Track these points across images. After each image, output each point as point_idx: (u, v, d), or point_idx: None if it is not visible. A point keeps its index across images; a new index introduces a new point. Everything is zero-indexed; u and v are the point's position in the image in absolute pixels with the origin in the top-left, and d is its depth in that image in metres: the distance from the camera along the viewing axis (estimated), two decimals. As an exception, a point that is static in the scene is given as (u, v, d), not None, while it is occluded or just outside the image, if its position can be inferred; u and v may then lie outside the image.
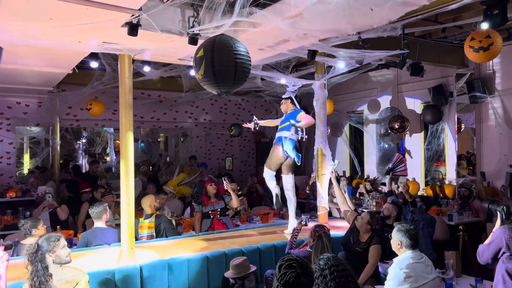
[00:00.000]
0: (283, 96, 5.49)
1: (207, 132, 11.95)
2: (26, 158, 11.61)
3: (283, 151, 5.17)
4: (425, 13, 4.52)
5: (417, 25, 6.02)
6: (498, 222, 3.40)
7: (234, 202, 5.65)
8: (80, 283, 3.17)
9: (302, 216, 4.62)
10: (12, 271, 3.70)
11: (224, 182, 5.62)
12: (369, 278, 4.07)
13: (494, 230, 3.39)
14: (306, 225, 4.54)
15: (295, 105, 5.37)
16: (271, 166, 5.36)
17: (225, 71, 3.30)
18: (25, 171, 11.25)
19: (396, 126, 8.74)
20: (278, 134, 5.28)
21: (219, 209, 5.74)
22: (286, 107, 5.41)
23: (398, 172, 7.93)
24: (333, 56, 5.54)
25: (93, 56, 6.50)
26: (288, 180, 5.40)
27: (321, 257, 2.43)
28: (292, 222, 5.35)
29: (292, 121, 5.04)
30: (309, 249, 4.19)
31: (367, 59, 5.48)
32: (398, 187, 7.35)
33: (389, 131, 9.15)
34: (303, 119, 4.98)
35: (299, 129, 5.09)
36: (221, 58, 3.27)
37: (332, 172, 5.67)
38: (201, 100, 11.20)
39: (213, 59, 3.26)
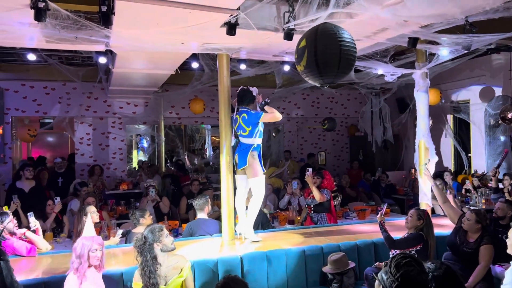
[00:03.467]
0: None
1: (299, 126, 11.95)
2: (135, 154, 12.69)
3: None
4: (546, -12, 4.00)
5: (536, 3, 5.36)
6: None
7: (316, 195, 5.57)
8: (185, 269, 3.39)
9: (383, 206, 4.41)
10: (127, 257, 4.09)
11: (307, 173, 5.57)
12: (480, 281, 3.76)
13: None
14: (384, 215, 4.35)
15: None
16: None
17: (329, 60, 3.11)
18: (134, 165, 12.29)
19: (509, 116, 7.89)
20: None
21: (312, 205, 5.73)
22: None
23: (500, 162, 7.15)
24: (436, 43, 5.17)
25: (194, 57, 6.87)
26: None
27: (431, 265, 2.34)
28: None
29: None
30: (414, 233, 4.05)
31: (476, 44, 5.01)
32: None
33: (500, 122, 8.30)
34: None
35: None
36: (325, 47, 3.09)
37: (426, 170, 5.30)
38: (293, 95, 11.23)
39: (316, 49, 3.09)
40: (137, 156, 12.50)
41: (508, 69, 8.51)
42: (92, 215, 4.48)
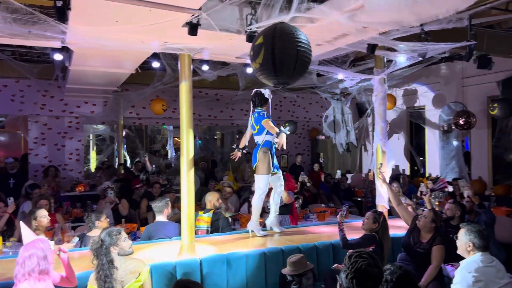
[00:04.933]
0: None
1: (262, 129, 11.98)
2: (93, 154, 12.32)
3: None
4: (495, 1, 4.24)
5: (486, 15, 5.65)
6: None
7: (284, 197, 5.62)
8: (143, 274, 3.29)
9: (343, 208, 4.51)
10: (81, 262, 3.95)
11: None
12: (432, 280, 3.90)
13: None
14: (345, 216, 4.41)
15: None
16: None
17: (286, 60, 3.08)
18: (92, 167, 11.93)
19: (461, 122, 8.26)
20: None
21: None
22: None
23: (438, 188, 7.42)
24: (394, 50, 5.34)
25: (155, 56, 6.75)
26: None
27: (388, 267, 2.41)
28: None
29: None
30: (367, 234, 4.15)
31: (431, 52, 5.22)
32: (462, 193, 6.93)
33: (453, 127, 8.69)
34: None
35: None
36: (283, 46, 3.06)
37: (381, 173, 5.46)
38: (257, 98, 11.25)
39: (274, 46, 3.05)
40: (95, 157, 12.14)
41: (460, 77, 8.93)
42: (41, 219, 4.29)
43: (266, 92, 5.09)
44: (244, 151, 5.30)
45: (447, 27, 4.59)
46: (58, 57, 6.15)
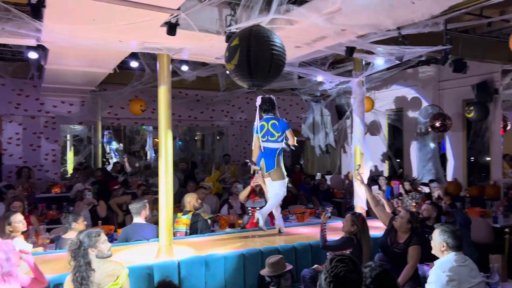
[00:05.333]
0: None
1: (243, 130, 12.00)
2: (70, 155, 12.08)
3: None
4: (469, 7, 4.34)
5: (461, 20, 5.78)
6: None
7: (267, 196, 5.65)
8: (121, 277, 3.25)
9: (327, 208, 4.55)
10: (55, 264, 3.87)
11: (256, 175, 5.63)
12: (408, 280, 3.96)
13: None
14: (330, 217, 4.48)
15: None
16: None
17: (261, 62, 3.15)
18: (69, 168, 11.71)
19: (437, 125, 8.43)
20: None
21: (258, 208, 5.76)
22: None
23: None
24: (372, 53, 5.41)
25: (133, 56, 6.67)
26: None
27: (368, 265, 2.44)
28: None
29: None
30: (345, 237, 4.19)
31: (407, 56, 5.32)
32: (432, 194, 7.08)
33: (429, 129, 8.86)
34: None
35: None
36: (258, 49, 3.12)
37: (359, 175, 5.53)
38: (237, 99, 11.28)
39: (249, 49, 3.11)
40: (73, 158, 11.90)
41: (437, 81, 9.11)
42: (15, 224, 4.17)
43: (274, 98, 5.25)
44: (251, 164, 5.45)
45: (424, 31, 4.70)
46: (33, 55, 5.99)
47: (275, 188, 5.09)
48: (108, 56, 5.89)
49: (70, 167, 11.67)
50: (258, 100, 5.21)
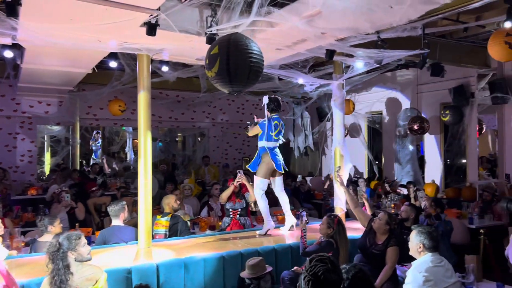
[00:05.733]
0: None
1: (224, 132, 11.98)
2: (47, 156, 11.84)
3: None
4: (446, 12, 4.43)
5: (438, 25, 5.91)
6: None
7: (252, 194, 5.65)
8: (100, 281, 3.20)
9: (303, 213, 4.57)
10: (30, 268, 3.78)
11: (238, 174, 5.62)
12: (387, 281, 4.01)
13: None
14: (308, 222, 4.50)
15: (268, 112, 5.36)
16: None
17: (240, 71, 3.30)
18: (46, 169, 11.47)
19: (416, 127, 8.59)
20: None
21: (239, 209, 5.76)
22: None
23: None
24: (352, 56, 5.47)
25: (112, 56, 6.57)
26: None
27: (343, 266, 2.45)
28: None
29: None
30: (325, 240, 4.22)
31: (386, 59, 5.40)
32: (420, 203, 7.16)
33: (408, 132, 9.01)
34: None
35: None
36: (236, 57, 3.27)
37: (338, 176, 5.58)
38: (218, 100, 11.25)
39: (229, 57, 3.25)
40: (50, 159, 11.67)
41: (416, 84, 9.27)
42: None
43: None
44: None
45: (402, 35, 4.78)
46: (8, 54, 5.84)
47: (282, 184, 5.46)
48: (87, 55, 5.79)
49: (47, 169, 11.44)
50: (265, 99, 5.32)
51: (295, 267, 4.33)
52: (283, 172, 5.36)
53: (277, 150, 5.35)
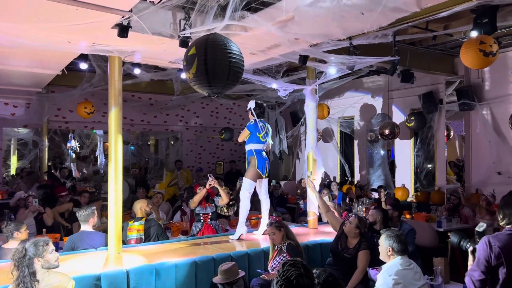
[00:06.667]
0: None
1: (197, 135, 11.90)
2: (14, 160, 11.46)
3: None
4: (416, 20, 4.55)
5: (408, 33, 6.06)
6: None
7: (224, 197, 5.62)
8: None
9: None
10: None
11: (210, 178, 5.59)
12: (358, 284, 4.05)
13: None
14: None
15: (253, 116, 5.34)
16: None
17: (219, 70, 3.18)
18: (13, 173, 11.10)
19: (386, 133, 8.77)
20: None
21: (210, 213, 5.72)
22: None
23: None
24: (325, 62, 5.55)
25: (83, 57, 6.44)
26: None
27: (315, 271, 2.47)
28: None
29: None
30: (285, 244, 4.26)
31: (358, 65, 5.49)
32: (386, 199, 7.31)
33: (379, 137, 9.19)
34: None
35: None
36: (215, 57, 3.16)
37: (310, 181, 5.63)
38: (192, 104, 11.18)
39: (206, 58, 3.14)
40: (16, 163, 11.29)
41: (387, 90, 9.48)
42: None
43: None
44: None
45: (374, 42, 4.89)
46: (-27, 53, 5.65)
47: (267, 187, 5.55)
48: (56, 57, 5.63)
49: (14, 172, 11.07)
50: (252, 104, 5.30)
51: (263, 274, 4.32)
52: (266, 176, 5.37)
53: (264, 153, 5.34)
